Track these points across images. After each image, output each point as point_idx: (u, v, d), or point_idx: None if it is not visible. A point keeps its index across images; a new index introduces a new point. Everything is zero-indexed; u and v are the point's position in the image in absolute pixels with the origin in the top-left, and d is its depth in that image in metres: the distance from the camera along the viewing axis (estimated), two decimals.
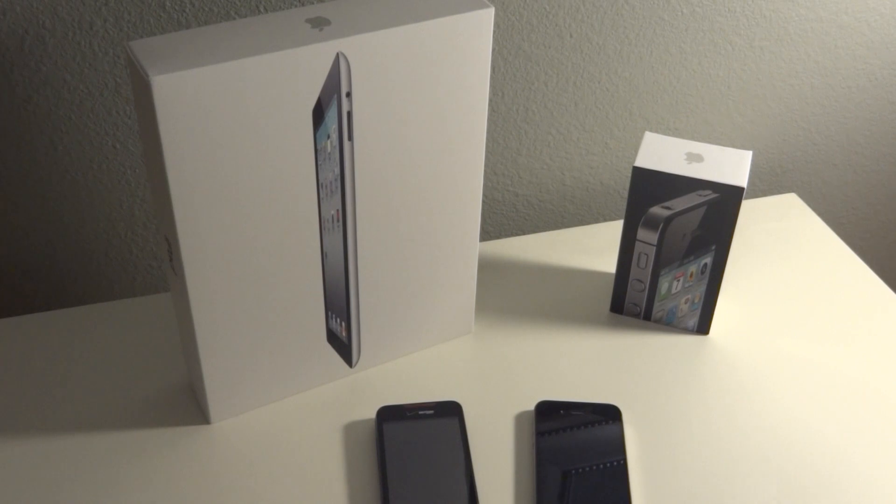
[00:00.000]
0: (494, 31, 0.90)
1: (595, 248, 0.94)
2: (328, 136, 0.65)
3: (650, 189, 0.77)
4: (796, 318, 0.86)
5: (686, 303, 0.83)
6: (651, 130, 1.02)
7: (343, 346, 0.77)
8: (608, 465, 0.71)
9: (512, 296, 0.88)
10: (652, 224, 0.79)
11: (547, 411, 0.75)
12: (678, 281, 0.82)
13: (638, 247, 0.81)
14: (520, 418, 0.76)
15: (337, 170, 0.67)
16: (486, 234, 1.05)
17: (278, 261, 0.69)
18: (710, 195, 0.76)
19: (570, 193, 1.05)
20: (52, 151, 0.87)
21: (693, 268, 0.80)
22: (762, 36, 0.98)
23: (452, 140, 0.70)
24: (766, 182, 1.11)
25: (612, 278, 0.90)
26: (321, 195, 0.67)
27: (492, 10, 0.65)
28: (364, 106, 0.65)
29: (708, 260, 0.80)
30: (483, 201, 1.02)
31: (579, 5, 0.91)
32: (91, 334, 0.82)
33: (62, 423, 0.74)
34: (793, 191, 1.13)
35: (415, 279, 0.76)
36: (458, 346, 0.82)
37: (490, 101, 0.95)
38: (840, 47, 1.02)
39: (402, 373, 0.80)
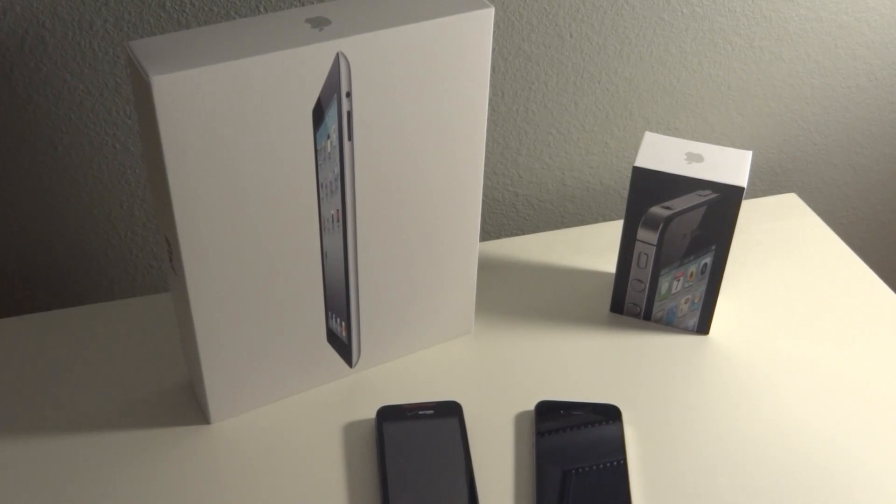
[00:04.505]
0: (494, 31, 0.90)
1: (595, 248, 0.94)
2: (328, 136, 0.65)
3: (650, 189, 0.77)
4: (796, 318, 0.86)
5: (686, 303, 0.83)
6: (651, 130, 1.02)
7: (343, 346, 0.77)
8: (608, 465, 0.71)
9: (512, 296, 0.88)
10: (652, 224, 0.79)
11: (547, 411, 0.75)
12: (678, 281, 0.82)
13: (638, 247, 0.81)
14: (520, 418, 0.76)
15: (337, 170, 0.67)
16: (486, 234, 1.05)
17: (278, 261, 0.69)
18: (710, 195, 0.76)
19: (570, 193, 1.05)
20: (52, 151, 0.87)
21: (693, 268, 0.81)
22: (762, 36, 0.98)
23: (452, 140, 0.70)
24: (766, 182, 1.11)
25: (612, 278, 0.90)
26: (321, 195, 0.67)
27: (492, 10, 0.65)
28: (364, 106, 0.65)
29: (708, 260, 0.80)
30: (483, 201, 1.02)
31: (579, 5, 0.91)
32: (91, 334, 0.82)
33: (62, 423, 0.74)
34: (793, 191, 1.13)
35: (415, 279, 0.76)
36: (458, 346, 0.82)
37: (490, 101, 0.95)
38: (840, 47, 1.02)
39: (402, 373, 0.80)
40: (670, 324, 0.85)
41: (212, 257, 0.66)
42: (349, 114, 0.64)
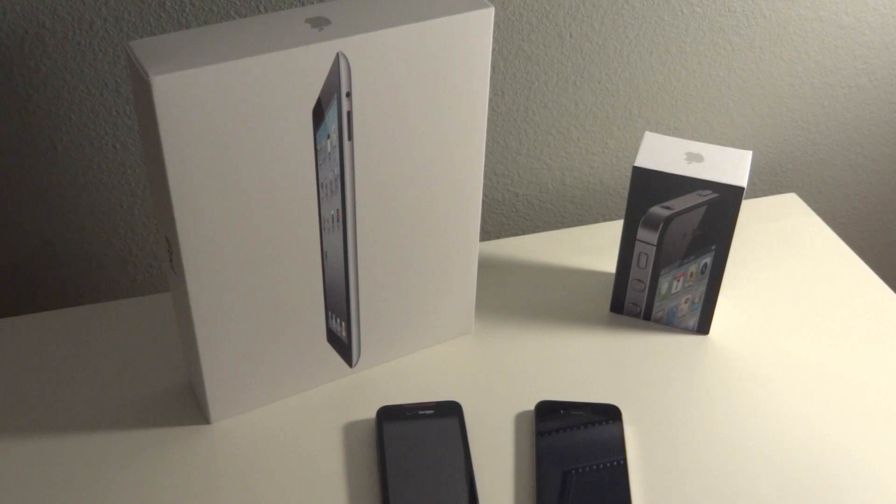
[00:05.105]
0: (494, 31, 0.90)
1: (595, 248, 0.94)
2: (328, 136, 0.65)
3: (650, 189, 0.77)
4: (796, 318, 0.86)
5: (686, 303, 0.83)
6: (651, 130, 1.02)
7: (343, 345, 0.77)
8: (608, 465, 0.71)
9: (512, 296, 0.88)
10: (652, 224, 0.79)
11: (547, 411, 0.75)
12: (678, 281, 0.82)
13: (638, 247, 0.81)
14: (520, 418, 0.76)
15: (337, 170, 0.67)
16: (486, 234, 1.05)
17: (278, 261, 0.69)
18: (710, 195, 0.76)
19: (570, 193, 1.05)
20: (52, 151, 0.87)
21: (693, 268, 0.81)
22: (762, 36, 0.98)
23: (452, 140, 0.70)
24: (766, 182, 1.11)
25: (612, 278, 0.90)
26: (321, 195, 0.67)
27: (492, 10, 0.65)
28: (364, 106, 0.65)
29: (708, 260, 0.80)
30: (483, 201, 1.02)
31: (579, 5, 0.91)
32: (91, 334, 0.82)
33: (62, 422, 0.74)
34: (793, 191, 1.13)
35: (415, 279, 0.76)
36: (458, 346, 0.82)
37: (490, 101, 0.95)
38: (840, 47, 1.02)
39: (402, 373, 0.80)
40: (670, 324, 0.85)
41: (212, 257, 0.66)
42: (349, 114, 0.64)
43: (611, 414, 0.75)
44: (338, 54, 0.61)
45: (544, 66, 0.94)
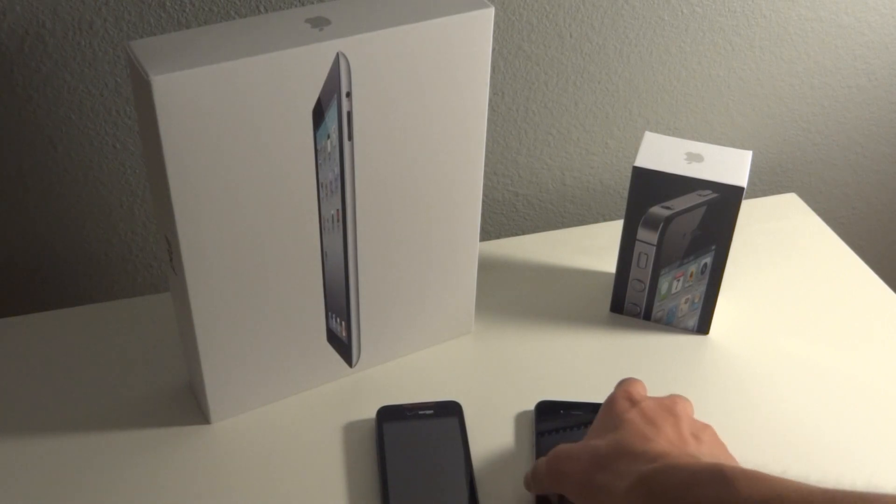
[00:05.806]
0: (494, 31, 0.90)
1: (595, 248, 0.94)
2: (328, 136, 0.65)
3: (650, 189, 0.77)
4: (796, 318, 0.86)
5: (686, 303, 0.83)
6: (651, 130, 1.02)
7: (343, 345, 0.77)
8: None
9: (512, 296, 0.88)
10: (652, 224, 0.79)
11: (547, 411, 0.75)
12: (678, 281, 0.82)
13: (638, 247, 0.81)
14: (520, 418, 0.76)
15: (337, 170, 0.67)
16: (486, 234, 1.05)
17: (278, 261, 0.69)
18: (709, 195, 0.76)
19: (570, 193, 1.05)
20: (52, 151, 0.87)
21: (693, 268, 0.81)
22: (762, 36, 0.98)
23: (452, 140, 0.70)
24: (766, 182, 1.11)
25: (612, 278, 0.90)
26: (321, 195, 0.67)
27: (492, 10, 0.65)
28: (364, 106, 0.65)
29: (708, 260, 0.80)
30: (483, 201, 1.02)
31: (579, 5, 0.91)
32: (91, 334, 0.82)
33: (62, 422, 0.74)
34: (793, 191, 1.13)
35: (415, 279, 0.76)
36: (458, 346, 0.82)
37: (490, 101, 0.95)
38: (840, 47, 1.02)
39: (402, 373, 0.80)
40: (670, 324, 0.85)
41: (212, 257, 0.66)
42: (349, 114, 0.64)
43: None
44: (338, 54, 0.61)
45: (544, 66, 0.94)
